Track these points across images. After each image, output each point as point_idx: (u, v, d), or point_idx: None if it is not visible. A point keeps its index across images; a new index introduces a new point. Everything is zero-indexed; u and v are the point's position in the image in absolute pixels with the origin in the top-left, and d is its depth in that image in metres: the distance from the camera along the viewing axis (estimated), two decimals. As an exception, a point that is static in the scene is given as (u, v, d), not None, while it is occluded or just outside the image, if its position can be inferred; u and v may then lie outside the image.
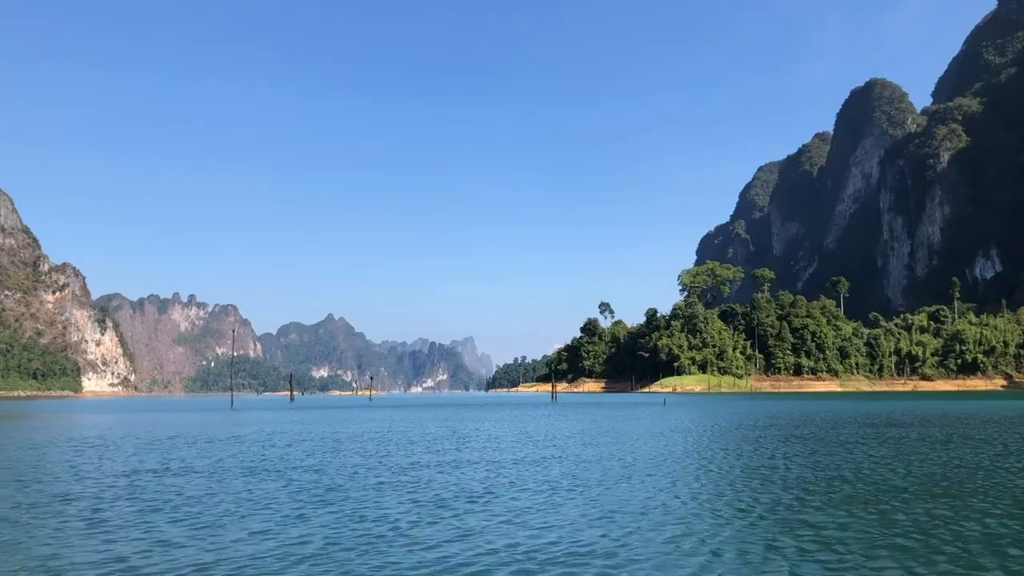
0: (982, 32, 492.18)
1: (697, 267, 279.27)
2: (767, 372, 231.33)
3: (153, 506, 16.09)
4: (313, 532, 13.18)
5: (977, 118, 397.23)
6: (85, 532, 13.37)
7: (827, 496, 16.66)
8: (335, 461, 25.53)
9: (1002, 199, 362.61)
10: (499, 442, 33.60)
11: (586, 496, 17.04)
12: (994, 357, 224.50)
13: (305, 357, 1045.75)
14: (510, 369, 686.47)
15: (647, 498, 16.62)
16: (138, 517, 14.78)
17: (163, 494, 17.72)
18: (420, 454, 27.96)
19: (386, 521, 14.17)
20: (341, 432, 42.43)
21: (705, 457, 25.74)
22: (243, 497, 17.19)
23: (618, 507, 15.49)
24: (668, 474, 21.04)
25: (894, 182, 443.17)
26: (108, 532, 13.35)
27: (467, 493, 17.64)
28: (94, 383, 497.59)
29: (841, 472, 21.02)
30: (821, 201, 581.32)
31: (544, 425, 47.69)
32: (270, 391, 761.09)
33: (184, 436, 39.13)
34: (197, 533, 13.21)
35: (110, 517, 14.81)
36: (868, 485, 18.40)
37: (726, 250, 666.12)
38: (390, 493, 17.71)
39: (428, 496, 17.19)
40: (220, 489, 18.54)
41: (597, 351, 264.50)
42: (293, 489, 18.45)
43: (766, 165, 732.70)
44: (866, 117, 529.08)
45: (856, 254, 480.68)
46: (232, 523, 14.13)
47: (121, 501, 16.81)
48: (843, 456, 25.47)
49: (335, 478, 20.65)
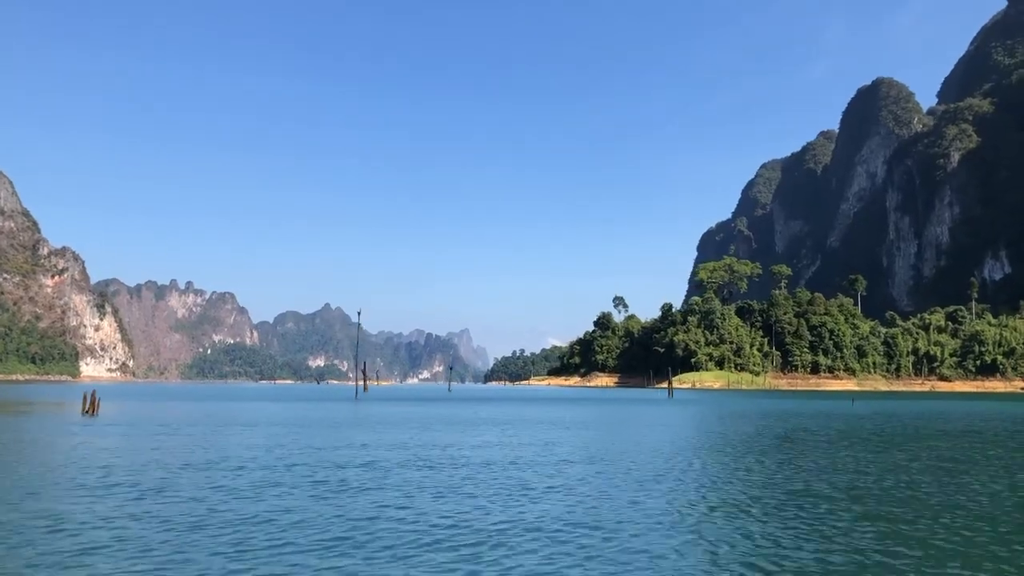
0: (991, 33, 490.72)
1: (714, 262, 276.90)
2: (784, 370, 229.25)
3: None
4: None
5: (988, 118, 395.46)
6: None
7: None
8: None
9: (1013, 200, 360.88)
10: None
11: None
12: (1014, 359, 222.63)
13: (301, 346, 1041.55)
14: (508, 362, 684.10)
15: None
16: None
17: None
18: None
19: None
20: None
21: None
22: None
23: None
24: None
25: (902, 181, 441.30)
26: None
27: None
28: (92, 368, 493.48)
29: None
30: (825, 199, 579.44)
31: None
32: (267, 379, 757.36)
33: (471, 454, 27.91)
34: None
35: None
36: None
37: (727, 247, 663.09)
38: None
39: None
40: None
41: (610, 345, 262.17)
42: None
43: (769, 163, 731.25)
44: (872, 116, 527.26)
45: (860, 253, 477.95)
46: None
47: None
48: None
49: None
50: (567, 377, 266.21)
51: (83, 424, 40.70)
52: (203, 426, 40.32)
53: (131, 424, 41.20)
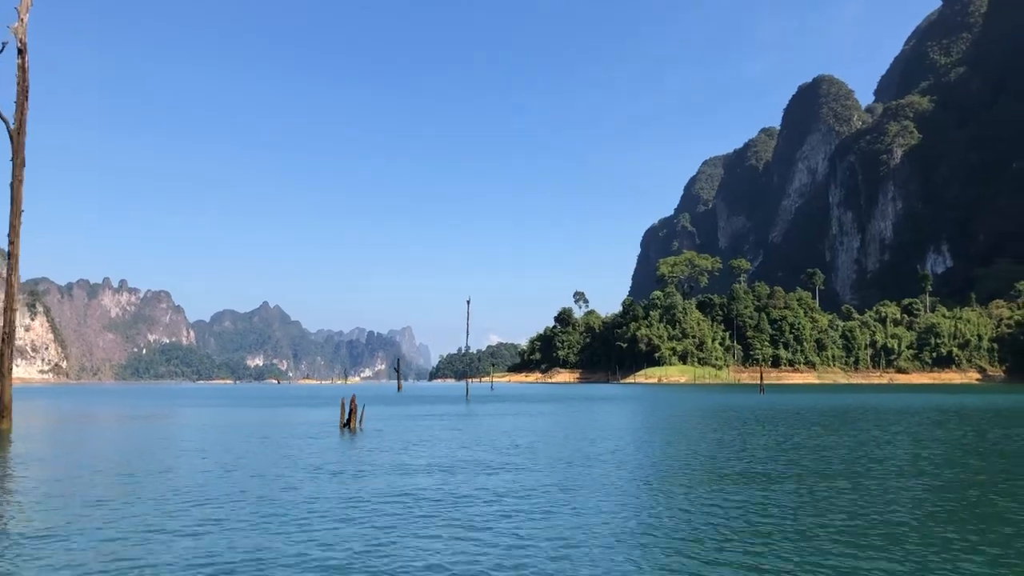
0: (927, 32, 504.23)
1: (675, 257, 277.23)
2: (745, 363, 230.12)
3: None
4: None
5: (928, 116, 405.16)
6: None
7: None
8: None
9: (953, 196, 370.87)
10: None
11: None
12: (968, 351, 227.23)
13: (239, 345, 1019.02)
14: (454, 359, 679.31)
15: None
16: None
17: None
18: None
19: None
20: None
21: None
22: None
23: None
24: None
25: (844, 177, 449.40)
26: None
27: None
28: (23, 370, 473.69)
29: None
30: (767, 196, 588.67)
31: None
32: (204, 379, 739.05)
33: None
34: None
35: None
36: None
37: (671, 243, 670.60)
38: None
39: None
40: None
41: (571, 341, 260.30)
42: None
43: (711, 159, 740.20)
44: (813, 113, 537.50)
45: (802, 248, 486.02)
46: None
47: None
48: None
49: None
50: (527, 373, 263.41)
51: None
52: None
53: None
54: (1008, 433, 32.12)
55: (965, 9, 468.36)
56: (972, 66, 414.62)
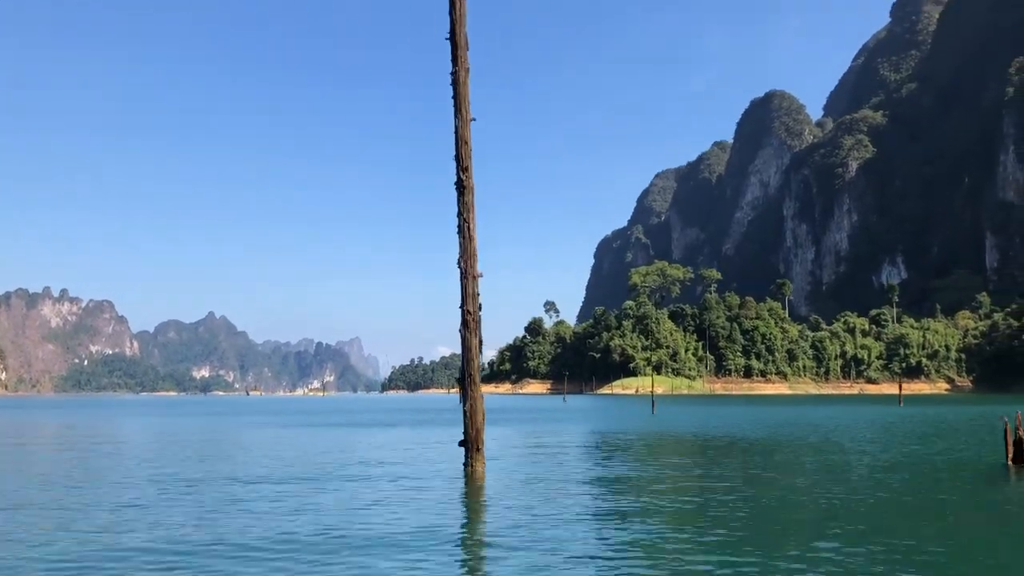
0: (876, 49, 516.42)
1: (647, 266, 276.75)
2: (718, 374, 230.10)
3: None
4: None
5: (881, 130, 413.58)
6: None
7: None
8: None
9: (907, 208, 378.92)
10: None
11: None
12: (937, 361, 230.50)
13: (184, 356, 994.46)
14: (407, 371, 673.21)
15: None
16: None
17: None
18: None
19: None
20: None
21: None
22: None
23: None
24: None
25: (799, 190, 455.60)
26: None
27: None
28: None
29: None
30: (720, 208, 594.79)
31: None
32: (148, 391, 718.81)
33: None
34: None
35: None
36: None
37: (624, 254, 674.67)
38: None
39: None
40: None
41: (542, 351, 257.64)
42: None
43: (663, 172, 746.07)
44: (765, 127, 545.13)
45: (755, 260, 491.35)
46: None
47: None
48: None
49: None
50: (497, 384, 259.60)
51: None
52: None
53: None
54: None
55: (914, 27, 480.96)
56: (923, 82, 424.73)
